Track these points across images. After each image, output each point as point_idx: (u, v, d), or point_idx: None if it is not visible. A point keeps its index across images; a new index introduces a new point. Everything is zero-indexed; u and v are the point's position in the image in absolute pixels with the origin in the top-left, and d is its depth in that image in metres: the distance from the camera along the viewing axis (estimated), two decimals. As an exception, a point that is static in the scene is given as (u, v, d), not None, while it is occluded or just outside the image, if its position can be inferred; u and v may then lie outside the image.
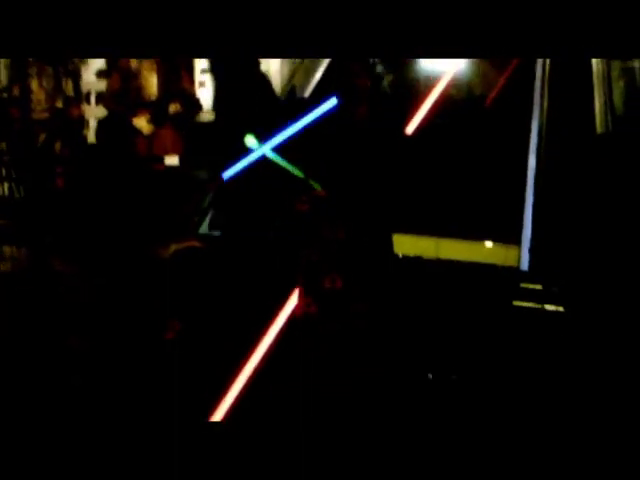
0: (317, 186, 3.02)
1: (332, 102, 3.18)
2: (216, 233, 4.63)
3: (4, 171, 4.28)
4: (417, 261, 4.82)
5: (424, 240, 5.37)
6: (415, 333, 3.51)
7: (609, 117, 5.08)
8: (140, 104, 4.42)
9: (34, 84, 4.23)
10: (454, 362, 3.56)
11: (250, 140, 3.44)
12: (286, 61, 10.66)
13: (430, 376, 3.45)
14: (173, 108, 4.49)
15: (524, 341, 3.46)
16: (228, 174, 3.53)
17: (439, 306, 3.83)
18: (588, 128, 5.01)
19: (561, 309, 3.35)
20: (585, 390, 2.89)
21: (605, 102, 5.34)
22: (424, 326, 3.62)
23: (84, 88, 4.54)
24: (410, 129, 3.09)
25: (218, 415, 2.92)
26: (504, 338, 3.59)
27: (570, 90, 5.82)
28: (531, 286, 3.93)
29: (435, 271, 4.58)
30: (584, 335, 3.08)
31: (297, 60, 8.20)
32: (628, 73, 5.36)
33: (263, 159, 3.49)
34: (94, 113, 4.53)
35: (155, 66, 4.42)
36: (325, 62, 7.02)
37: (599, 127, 4.90)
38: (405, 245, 5.12)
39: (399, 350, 3.28)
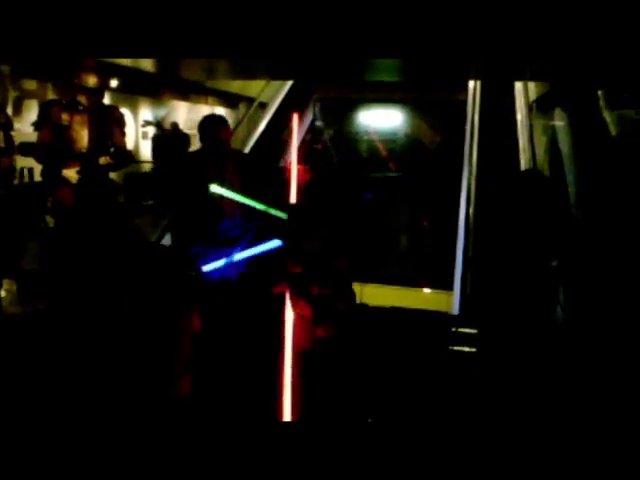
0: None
1: (276, 243, 3.38)
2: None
3: None
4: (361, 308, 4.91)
5: (366, 287, 5.50)
6: (356, 378, 3.55)
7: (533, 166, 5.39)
8: (70, 156, 4.47)
9: (-35, 135, 4.20)
10: (392, 405, 3.60)
11: (215, 188, 3.54)
12: (228, 113, 10.86)
13: (370, 420, 3.48)
14: (103, 160, 4.58)
15: (459, 383, 3.54)
16: (207, 268, 3.55)
17: (378, 351, 3.90)
18: (514, 182, 5.30)
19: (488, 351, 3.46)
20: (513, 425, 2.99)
21: (530, 156, 5.69)
22: (364, 371, 3.68)
23: (20, 139, 4.54)
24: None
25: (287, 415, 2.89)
26: (440, 381, 3.67)
27: (497, 143, 6.17)
28: (465, 330, 4.06)
29: (376, 318, 4.67)
30: (501, 376, 3.20)
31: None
32: (547, 128, 5.74)
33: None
34: (30, 164, 4.53)
35: (87, 120, 4.50)
36: (267, 116, 7.24)
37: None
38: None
39: (340, 394, 3.32)
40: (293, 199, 3.55)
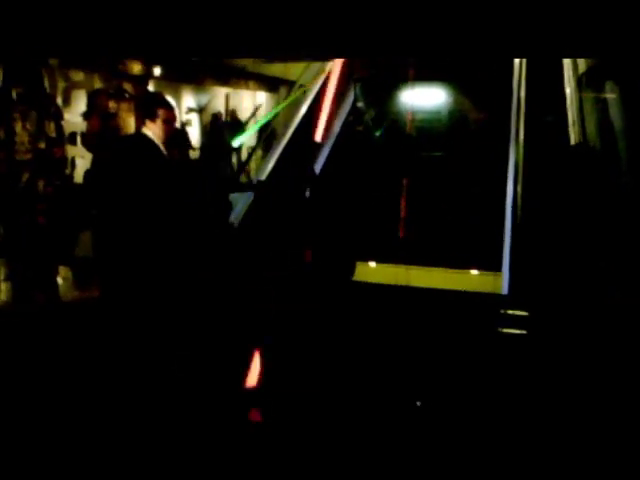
0: None
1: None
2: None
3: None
4: (409, 290, 4.90)
5: (415, 270, 5.45)
6: (405, 360, 3.54)
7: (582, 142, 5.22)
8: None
9: (18, 126, 4.33)
10: (440, 388, 3.58)
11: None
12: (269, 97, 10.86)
13: (419, 404, 3.46)
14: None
15: (509, 366, 3.49)
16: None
17: (429, 332, 3.88)
18: (564, 158, 5.15)
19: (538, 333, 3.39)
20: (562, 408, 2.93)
21: (580, 131, 5.51)
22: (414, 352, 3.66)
23: (69, 129, 4.65)
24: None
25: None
26: (488, 362, 3.62)
27: (544, 118, 5.99)
28: (514, 312, 3.98)
29: (428, 299, 4.64)
30: (554, 356, 3.12)
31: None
32: (598, 101, 5.54)
33: None
34: (80, 153, 4.65)
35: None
36: (309, 99, 7.21)
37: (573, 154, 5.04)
38: (397, 275, 5.21)
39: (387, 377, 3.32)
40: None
